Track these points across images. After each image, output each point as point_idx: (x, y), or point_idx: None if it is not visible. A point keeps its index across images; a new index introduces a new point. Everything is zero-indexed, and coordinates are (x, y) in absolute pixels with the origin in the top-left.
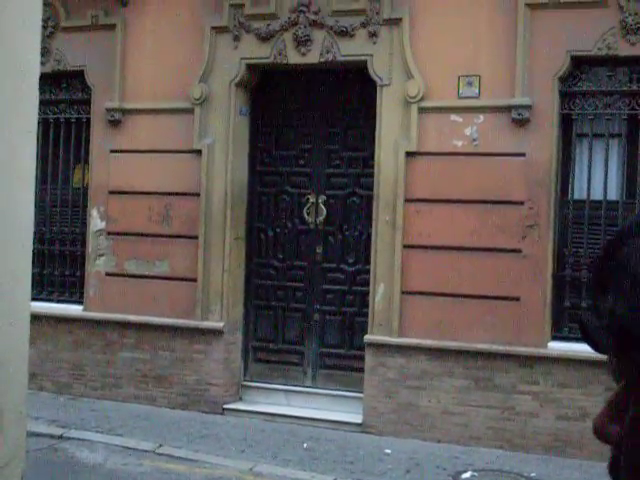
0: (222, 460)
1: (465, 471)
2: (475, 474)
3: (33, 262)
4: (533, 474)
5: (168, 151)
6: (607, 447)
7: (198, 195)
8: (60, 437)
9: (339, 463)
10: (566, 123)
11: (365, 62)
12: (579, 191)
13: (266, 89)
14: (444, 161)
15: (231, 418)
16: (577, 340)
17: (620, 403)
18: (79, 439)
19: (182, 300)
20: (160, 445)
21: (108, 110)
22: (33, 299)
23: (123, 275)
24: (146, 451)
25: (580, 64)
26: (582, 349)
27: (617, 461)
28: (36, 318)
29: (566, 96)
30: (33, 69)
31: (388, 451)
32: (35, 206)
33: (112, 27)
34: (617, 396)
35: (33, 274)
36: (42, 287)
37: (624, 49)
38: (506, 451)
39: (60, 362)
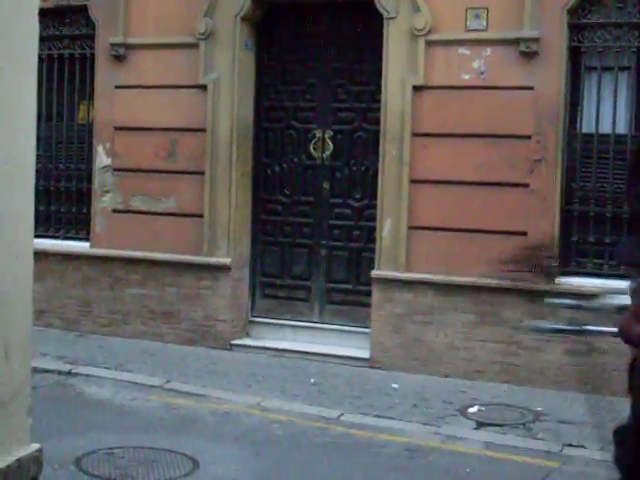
0: (230, 395)
1: (472, 405)
2: (482, 408)
3: (39, 199)
4: (539, 408)
5: (173, 86)
6: (613, 381)
7: (204, 131)
8: (68, 373)
9: (346, 398)
10: (575, 56)
11: None
12: (587, 125)
13: (271, 23)
14: (451, 95)
15: (238, 354)
16: (584, 275)
17: None
18: (87, 375)
19: (189, 236)
20: (168, 380)
21: (112, 45)
22: (40, 236)
23: (129, 212)
24: (154, 386)
25: None
26: (589, 283)
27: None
28: (43, 255)
29: (575, 28)
30: (32, 2)
31: (395, 386)
32: (40, 143)
33: None
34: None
35: (40, 211)
36: (49, 224)
37: None
38: (513, 385)
39: (68, 299)
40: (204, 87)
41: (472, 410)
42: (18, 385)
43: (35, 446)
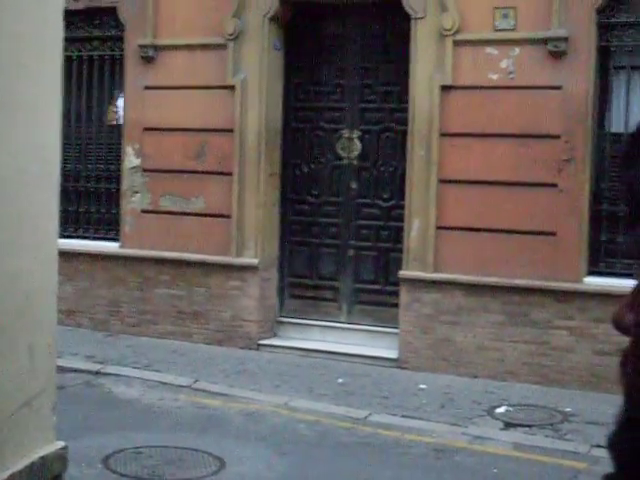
0: (257, 395)
1: (500, 406)
2: (510, 409)
3: (69, 200)
4: (568, 409)
5: (202, 87)
6: None
7: (232, 131)
8: (97, 373)
9: (374, 398)
10: (603, 55)
11: None
12: (616, 124)
13: (300, 24)
14: (479, 95)
15: (266, 354)
16: (613, 275)
17: (638, 294)
18: (116, 375)
19: (217, 236)
20: (196, 380)
21: (141, 47)
22: (70, 237)
23: (158, 212)
24: (182, 386)
25: None
26: (618, 284)
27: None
28: (73, 255)
29: (603, 28)
30: (57, 2)
31: (423, 386)
32: (71, 144)
33: None
34: (637, 286)
35: (69, 212)
36: (78, 225)
37: None
38: (541, 386)
39: (97, 299)
40: (232, 88)
41: (500, 410)
42: (43, 383)
43: (60, 444)
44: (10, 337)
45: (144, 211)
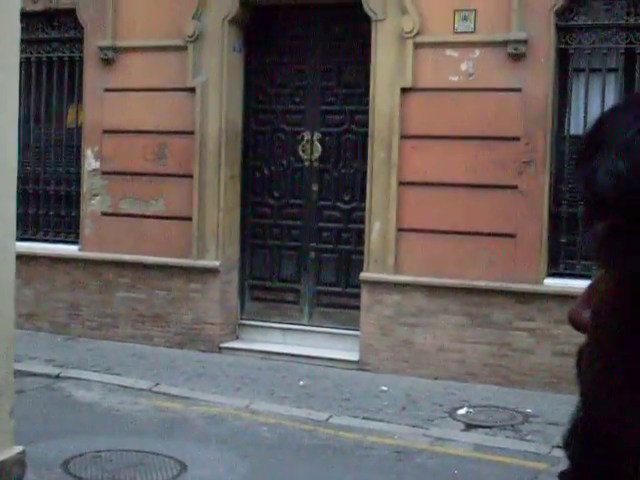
0: (219, 398)
1: (461, 407)
2: (471, 410)
3: (29, 203)
4: (529, 410)
5: (162, 89)
6: None
7: (193, 133)
8: (57, 376)
9: (335, 400)
10: (563, 58)
11: None
12: (575, 127)
13: (260, 26)
14: (440, 97)
15: (228, 357)
16: (573, 276)
17: (596, 295)
18: (76, 378)
19: (178, 239)
20: (157, 384)
21: (101, 48)
22: (29, 240)
23: (118, 215)
24: (143, 390)
25: None
26: (578, 285)
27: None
28: (32, 259)
29: (562, 30)
30: (14, 2)
31: (384, 388)
32: (30, 147)
33: None
34: (593, 284)
35: (29, 215)
36: (38, 227)
37: None
38: (502, 387)
39: (57, 302)
40: (192, 90)
41: (461, 412)
42: (0, 386)
43: (18, 448)
44: None
45: (104, 214)
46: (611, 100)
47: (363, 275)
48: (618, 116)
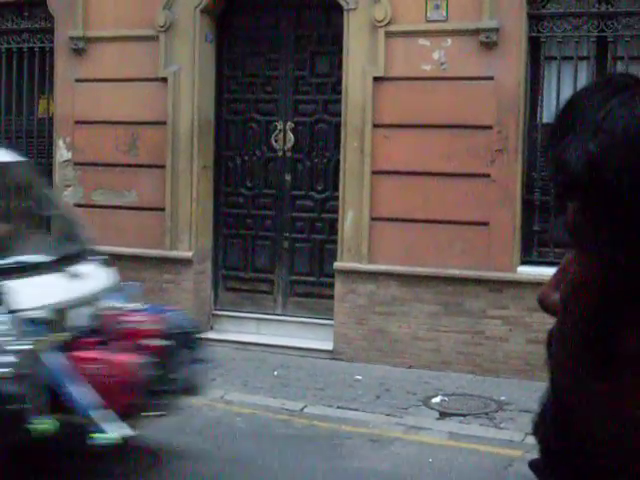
0: None
1: (435, 396)
2: (445, 399)
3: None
4: (503, 398)
5: (134, 79)
6: None
7: (165, 124)
8: None
9: (309, 390)
10: (534, 46)
11: None
12: (548, 114)
13: (232, 15)
14: (412, 86)
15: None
16: (546, 264)
17: (566, 277)
18: None
19: (151, 230)
20: None
21: (71, 39)
22: None
23: (91, 206)
24: None
25: None
26: (551, 272)
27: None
28: None
29: (534, 18)
30: None
31: (358, 377)
32: (0, 137)
33: None
34: (562, 266)
35: None
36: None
37: None
38: (476, 375)
39: None
40: (164, 80)
41: (435, 400)
42: None
43: None
44: None
45: (76, 205)
46: None
47: (337, 264)
48: (588, 98)
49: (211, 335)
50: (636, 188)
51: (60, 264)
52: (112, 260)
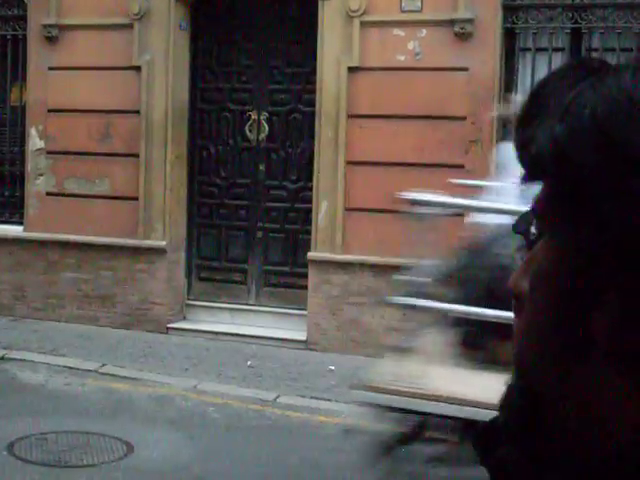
0: (166, 378)
1: None
2: None
3: None
4: None
5: (107, 68)
6: None
7: (138, 112)
8: (1, 358)
9: (283, 380)
10: (509, 37)
11: None
12: None
13: (206, 4)
14: (387, 76)
15: (175, 337)
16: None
17: (535, 263)
18: (21, 360)
19: (124, 219)
20: (103, 364)
21: (44, 26)
22: None
23: (63, 195)
24: (89, 371)
25: None
26: None
27: None
28: None
29: (509, 10)
30: None
31: (332, 367)
32: None
33: None
34: (532, 252)
35: None
36: None
37: None
38: None
39: (1, 283)
40: (138, 68)
41: None
42: None
43: None
44: None
45: (49, 194)
46: None
47: (311, 255)
48: (559, 80)
49: (184, 325)
50: (603, 172)
51: None
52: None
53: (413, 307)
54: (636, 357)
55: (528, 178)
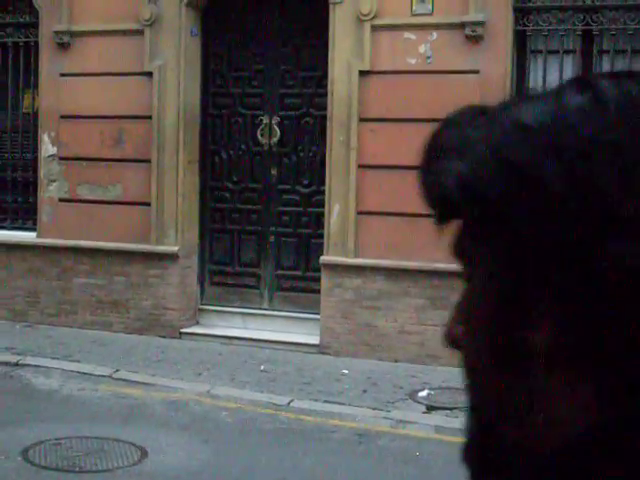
0: (179, 383)
1: (422, 390)
2: (432, 392)
3: None
4: None
5: (119, 74)
6: None
7: (150, 118)
8: (16, 364)
9: (296, 384)
10: (520, 39)
11: None
12: None
13: (217, 9)
14: (398, 79)
15: (188, 342)
16: None
17: (465, 304)
18: (35, 366)
19: (136, 225)
20: (117, 370)
21: (56, 33)
22: None
23: (76, 200)
24: (102, 376)
25: None
26: None
27: None
28: None
29: (520, 12)
30: None
31: (345, 371)
32: None
33: None
34: (463, 297)
35: None
36: None
37: None
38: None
39: (15, 289)
40: (150, 74)
41: (422, 394)
42: None
43: None
44: None
45: (62, 200)
46: None
47: (323, 259)
48: (456, 119)
49: (197, 330)
50: (509, 196)
51: None
52: None
53: None
54: (580, 356)
55: (439, 219)
